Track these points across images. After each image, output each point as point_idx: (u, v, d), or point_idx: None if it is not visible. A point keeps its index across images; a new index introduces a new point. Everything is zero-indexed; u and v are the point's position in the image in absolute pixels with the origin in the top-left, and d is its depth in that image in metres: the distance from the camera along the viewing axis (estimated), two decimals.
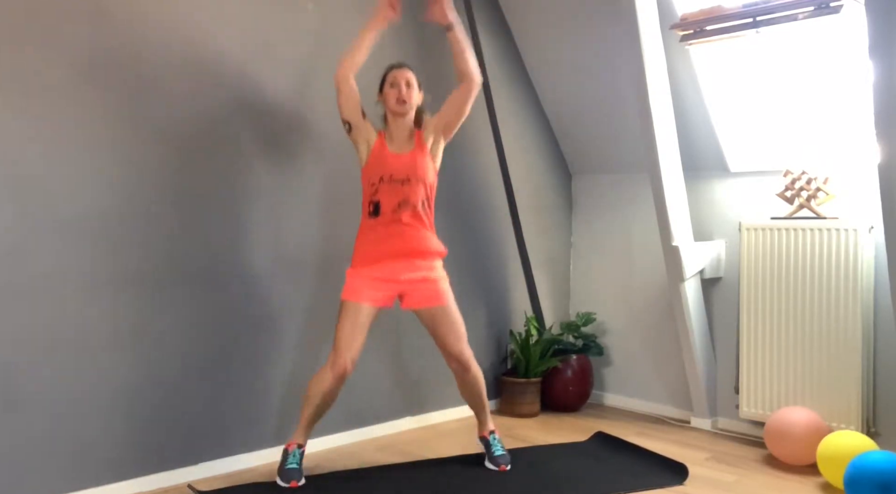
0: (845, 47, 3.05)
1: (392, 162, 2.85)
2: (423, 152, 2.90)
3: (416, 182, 2.84)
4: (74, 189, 2.58)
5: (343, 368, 2.77)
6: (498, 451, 3.02)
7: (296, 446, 2.82)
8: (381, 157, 2.86)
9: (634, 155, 3.80)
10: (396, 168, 2.84)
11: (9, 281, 2.44)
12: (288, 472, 2.78)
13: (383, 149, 2.87)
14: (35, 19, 2.50)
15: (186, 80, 2.86)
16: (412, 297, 2.88)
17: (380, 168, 2.85)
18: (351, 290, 2.82)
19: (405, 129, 2.92)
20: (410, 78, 2.89)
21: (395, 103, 2.86)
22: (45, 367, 2.52)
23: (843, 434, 2.84)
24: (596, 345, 4.04)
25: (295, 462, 2.80)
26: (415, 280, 2.86)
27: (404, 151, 2.89)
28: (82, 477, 2.59)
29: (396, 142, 2.90)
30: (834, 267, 3.11)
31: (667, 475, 2.92)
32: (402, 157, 2.86)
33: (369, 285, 2.82)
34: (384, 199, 2.82)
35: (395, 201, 2.82)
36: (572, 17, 3.76)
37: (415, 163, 2.86)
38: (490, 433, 3.05)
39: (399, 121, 2.91)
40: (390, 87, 2.88)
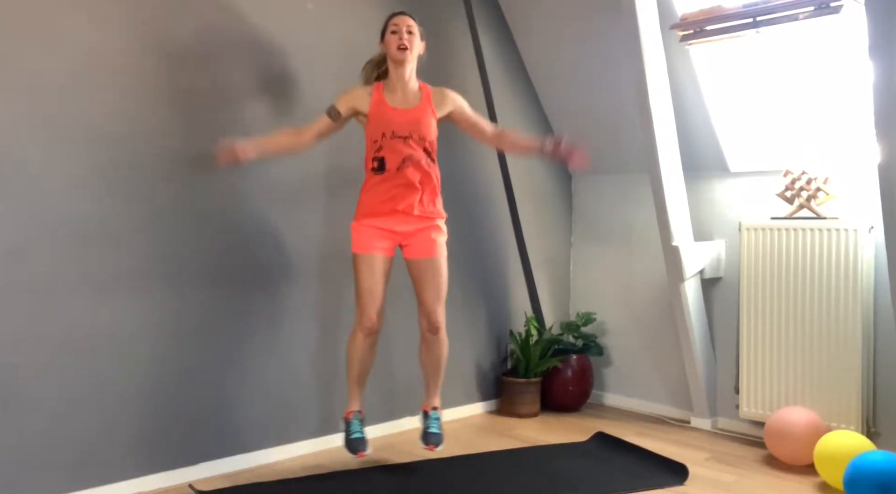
0: (845, 47, 3.05)
1: (394, 117, 2.83)
2: (429, 110, 2.88)
3: (418, 138, 2.83)
4: (75, 189, 2.58)
5: (371, 322, 2.82)
6: (433, 428, 2.97)
7: (354, 413, 2.91)
8: (381, 113, 2.83)
9: (634, 155, 3.80)
10: (399, 124, 2.82)
11: (9, 281, 2.44)
12: (354, 442, 2.86)
13: (382, 104, 2.84)
14: (35, 18, 2.50)
15: (187, 79, 2.86)
16: (410, 247, 2.89)
17: (381, 124, 2.83)
18: (360, 243, 2.83)
19: (408, 80, 2.88)
20: (412, 25, 2.87)
21: (396, 50, 2.83)
22: (45, 367, 2.52)
23: (840, 434, 2.84)
24: (596, 345, 4.04)
25: (358, 430, 2.88)
26: (415, 231, 2.87)
27: (408, 106, 2.86)
28: (82, 477, 2.59)
29: (398, 94, 2.87)
30: (834, 267, 3.11)
31: (667, 475, 2.92)
32: (405, 113, 2.84)
33: (375, 235, 2.83)
34: (388, 156, 2.81)
35: (399, 157, 2.81)
36: (572, 18, 3.76)
37: (419, 119, 2.85)
38: (433, 408, 3.03)
39: (400, 71, 2.86)
40: (391, 34, 2.86)
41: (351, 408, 2.92)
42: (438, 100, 2.93)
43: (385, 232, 2.85)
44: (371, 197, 2.86)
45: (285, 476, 2.89)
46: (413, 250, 2.90)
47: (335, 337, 3.22)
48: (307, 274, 3.21)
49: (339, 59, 3.30)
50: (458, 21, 3.82)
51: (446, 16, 3.79)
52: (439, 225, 2.94)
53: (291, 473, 2.93)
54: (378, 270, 2.83)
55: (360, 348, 2.87)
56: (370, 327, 2.84)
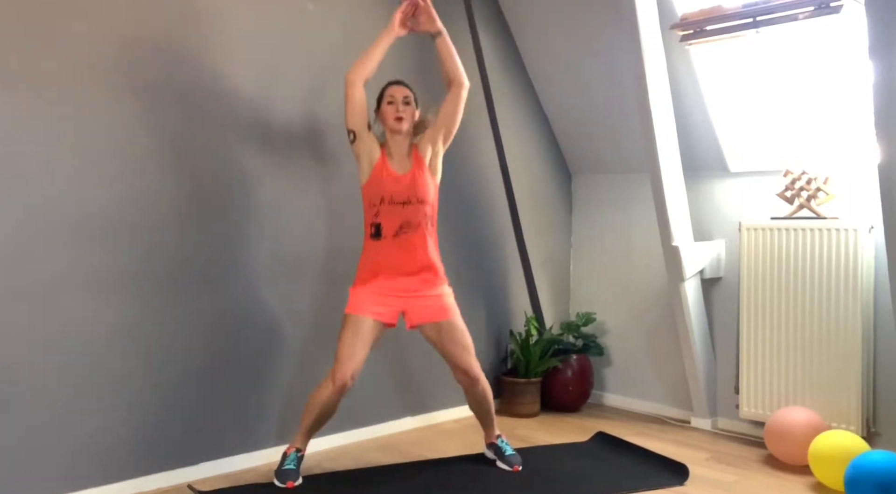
0: (845, 47, 3.05)
1: (392, 183, 2.81)
2: (421, 171, 2.86)
3: (416, 203, 2.82)
4: (76, 189, 2.58)
5: (343, 381, 2.76)
6: (509, 452, 3.04)
7: (294, 450, 2.84)
8: (381, 178, 2.82)
9: (634, 155, 3.80)
10: (396, 190, 2.81)
11: (10, 281, 2.44)
12: (284, 473, 2.79)
13: (384, 169, 2.83)
14: (37, 19, 2.50)
15: (189, 79, 2.86)
16: (416, 313, 2.85)
17: (380, 189, 2.82)
18: (354, 304, 2.81)
19: (404, 145, 2.89)
20: (408, 95, 2.88)
21: (393, 121, 2.84)
22: (45, 367, 2.52)
23: (834, 434, 2.84)
24: (596, 345, 4.04)
25: (292, 463, 2.81)
26: (418, 296, 2.84)
27: (404, 170, 2.85)
28: (82, 477, 2.59)
29: (396, 159, 2.87)
30: (834, 267, 3.11)
31: (667, 475, 2.92)
32: (402, 178, 2.83)
33: (372, 300, 2.80)
34: (385, 221, 2.80)
35: (397, 223, 2.80)
36: (572, 18, 3.76)
37: (415, 184, 2.83)
38: (498, 437, 3.07)
39: (397, 138, 2.88)
40: (388, 105, 2.87)
41: (295, 445, 2.85)
42: (424, 151, 2.90)
43: (383, 296, 2.81)
44: (369, 263, 2.83)
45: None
46: (423, 316, 2.85)
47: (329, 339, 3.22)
48: (308, 275, 3.21)
49: (340, 59, 3.30)
50: (458, 21, 3.82)
51: (446, 16, 3.76)
52: (441, 286, 2.89)
53: None
54: (365, 333, 2.79)
55: (326, 401, 2.78)
56: (341, 386, 2.76)
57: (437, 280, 2.88)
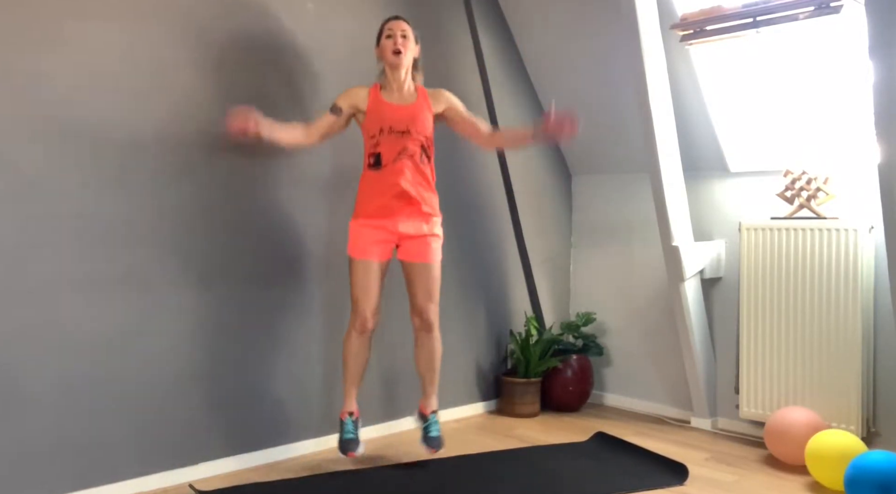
0: (845, 47, 3.05)
1: (391, 113, 2.89)
2: (425, 106, 2.96)
3: (415, 134, 2.90)
4: (76, 190, 2.58)
5: (365, 320, 2.88)
6: (433, 432, 3.03)
7: (347, 415, 2.97)
8: (378, 109, 2.90)
9: (634, 155, 3.80)
10: (396, 119, 2.88)
11: (10, 281, 2.44)
12: (345, 443, 2.93)
13: (379, 102, 2.91)
14: (37, 19, 2.50)
15: (190, 79, 2.86)
16: (405, 249, 2.95)
17: (379, 119, 2.89)
18: (356, 247, 2.90)
19: (403, 81, 2.96)
20: (406, 29, 2.95)
21: (391, 54, 2.91)
22: (45, 367, 2.52)
23: (830, 434, 2.84)
24: (596, 345, 4.04)
25: (350, 431, 2.94)
26: (412, 234, 2.93)
27: (405, 103, 2.94)
28: (83, 477, 2.59)
29: (396, 93, 2.95)
30: (834, 267, 3.11)
31: (667, 475, 2.92)
32: (402, 109, 2.91)
33: (372, 239, 2.89)
34: (384, 150, 2.88)
35: (395, 151, 2.87)
36: (572, 17, 3.76)
37: (415, 115, 2.91)
38: (432, 412, 3.07)
39: (396, 73, 2.94)
40: (386, 38, 2.93)
41: (346, 409, 2.98)
42: (434, 97, 3.01)
43: (382, 232, 2.90)
44: (368, 193, 2.91)
45: (285, 476, 2.89)
46: (408, 253, 2.95)
47: (335, 337, 3.22)
48: (309, 276, 3.21)
49: (340, 58, 3.30)
50: (458, 21, 3.82)
51: (446, 16, 3.80)
52: (436, 230, 2.99)
53: (291, 473, 2.93)
54: (373, 272, 2.89)
55: (355, 346, 2.92)
56: (364, 324, 2.89)
57: (432, 212, 2.97)
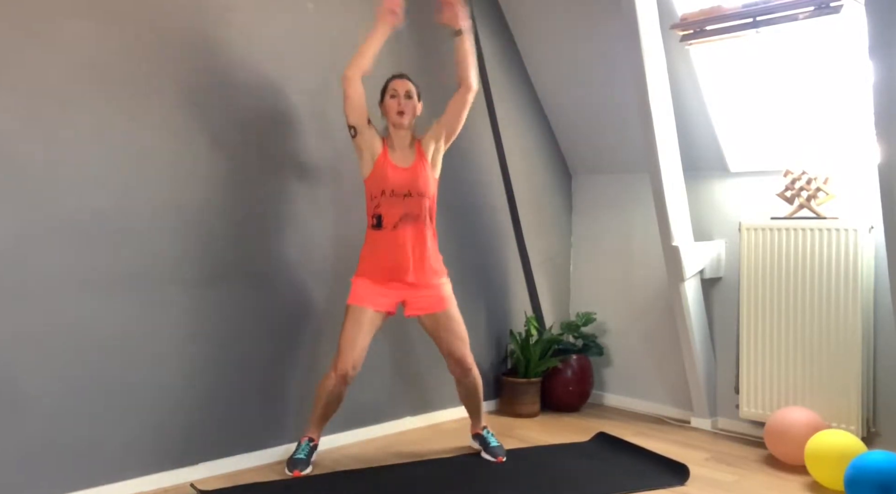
0: (845, 47, 3.05)
1: (394, 176, 2.89)
2: (423, 164, 2.95)
3: (416, 196, 2.91)
4: (76, 189, 2.58)
5: (344, 371, 2.87)
6: (493, 443, 3.12)
7: (307, 439, 2.95)
8: (383, 171, 2.90)
9: (634, 155, 3.80)
10: (398, 182, 2.89)
11: (10, 281, 2.44)
12: (294, 461, 2.90)
13: (386, 163, 2.91)
14: (38, 18, 2.50)
15: (190, 78, 2.86)
16: (415, 304, 2.96)
17: (382, 181, 2.89)
18: (356, 295, 2.92)
19: (406, 138, 2.97)
20: (410, 89, 2.95)
21: (395, 115, 2.92)
22: (45, 367, 2.52)
23: (829, 434, 2.84)
24: (596, 345, 4.04)
25: (303, 453, 2.92)
26: (417, 286, 2.94)
27: (406, 163, 2.93)
28: (82, 477, 2.59)
29: (399, 152, 2.94)
30: (834, 267, 3.11)
31: (668, 475, 2.92)
32: (403, 171, 2.91)
33: (373, 290, 2.91)
34: (385, 212, 2.89)
35: (397, 215, 2.89)
36: (572, 18, 3.76)
37: (416, 177, 2.91)
38: (483, 428, 3.16)
39: (399, 133, 2.95)
40: (390, 98, 2.94)
41: (309, 434, 2.97)
42: (426, 146, 2.99)
43: (385, 287, 2.92)
44: (371, 253, 2.94)
45: (285, 476, 2.89)
46: (421, 306, 2.97)
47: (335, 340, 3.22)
48: (311, 275, 3.21)
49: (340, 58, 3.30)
50: None
51: None
52: (440, 282, 2.99)
53: None
54: (366, 324, 2.89)
55: (329, 392, 2.89)
56: (343, 376, 2.87)
57: (437, 271, 2.98)
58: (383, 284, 2.91)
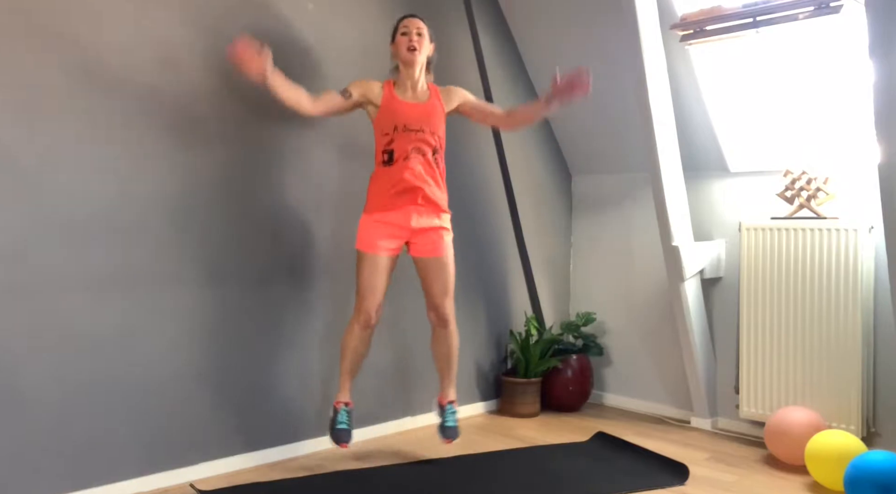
0: (845, 47, 3.05)
1: (406, 111, 2.93)
2: (438, 105, 2.99)
3: (429, 132, 2.93)
4: (76, 189, 2.58)
5: (368, 316, 2.90)
6: (450, 423, 3.08)
7: (342, 405, 2.97)
8: (392, 107, 2.93)
9: (634, 155, 3.80)
10: (410, 117, 2.92)
11: (10, 280, 2.44)
12: (337, 432, 2.94)
13: (393, 99, 2.94)
14: (36, 18, 2.50)
15: (190, 79, 2.86)
16: (417, 245, 2.97)
17: (392, 117, 2.92)
18: (365, 241, 2.91)
19: (417, 79, 2.98)
20: (421, 27, 2.97)
21: (406, 51, 2.93)
22: (45, 367, 2.51)
23: (830, 434, 2.84)
24: (596, 345, 4.04)
25: (344, 421, 2.94)
26: (423, 229, 2.94)
27: (419, 101, 2.97)
28: (83, 477, 2.59)
29: (409, 90, 2.97)
30: (834, 267, 3.11)
31: (668, 475, 2.92)
32: (416, 107, 2.94)
33: (382, 234, 2.90)
34: (397, 147, 2.90)
35: (408, 148, 2.90)
36: (572, 17, 3.76)
37: (429, 114, 2.95)
38: (449, 402, 3.11)
39: (410, 71, 2.96)
40: (401, 36, 2.96)
41: (340, 399, 2.99)
42: (446, 96, 3.05)
43: (392, 228, 2.91)
44: (379, 188, 2.93)
45: (285, 476, 2.89)
46: (420, 249, 2.97)
47: (336, 337, 3.22)
48: (311, 276, 3.21)
49: (340, 58, 3.30)
50: (458, 21, 3.82)
51: (446, 16, 3.80)
52: (446, 225, 3.01)
53: (291, 473, 2.93)
54: (381, 268, 2.90)
55: (356, 339, 2.94)
56: (367, 320, 2.91)
57: (441, 209, 2.99)
58: (390, 224, 2.90)
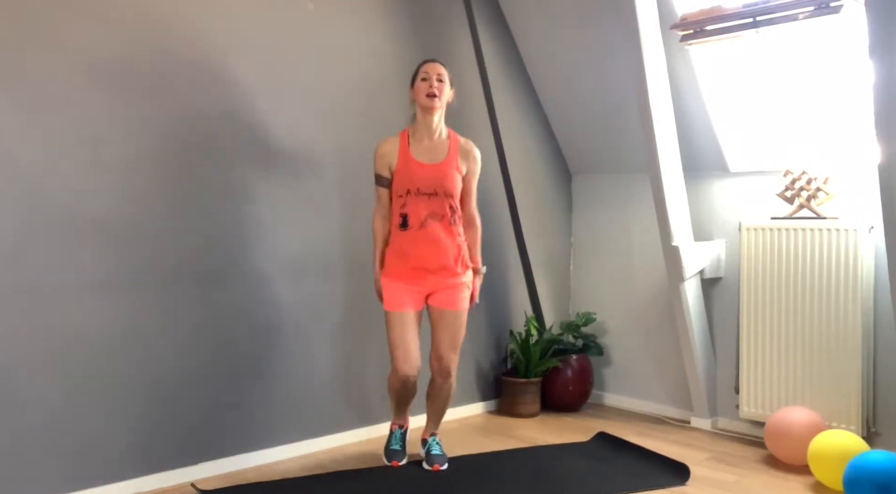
0: (845, 47, 3.05)
1: (420, 174, 2.84)
2: (454, 165, 2.89)
3: (443, 196, 2.85)
4: (76, 189, 2.58)
5: (405, 374, 2.87)
6: (435, 451, 3.05)
7: (397, 427, 3.10)
8: (407, 170, 2.85)
9: (634, 155, 3.80)
10: (424, 181, 2.84)
11: (10, 281, 2.44)
12: (391, 453, 3.05)
13: (409, 161, 2.85)
14: (36, 19, 2.50)
15: (188, 79, 2.86)
16: (436, 297, 2.93)
17: (407, 180, 2.85)
18: (392, 301, 2.88)
19: (435, 128, 2.90)
20: (442, 72, 2.88)
21: (425, 97, 2.84)
22: (45, 367, 2.52)
23: (833, 434, 2.84)
24: (596, 345, 4.04)
25: (397, 443, 3.06)
26: (443, 286, 2.91)
27: (434, 160, 2.87)
28: (83, 477, 2.59)
29: (424, 146, 2.88)
30: (834, 267, 3.11)
31: (668, 475, 2.92)
32: (430, 169, 2.85)
33: (405, 292, 2.88)
34: (411, 211, 2.84)
35: (423, 214, 2.84)
36: (572, 18, 3.76)
37: (444, 176, 2.86)
38: (432, 435, 3.10)
39: (428, 118, 2.87)
40: (421, 81, 2.86)
41: (396, 421, 3.12)
42: (464, 155, 2.93)
43: (413, 285, 2.89)
44: (398, 258, 2.89)
45: (285, 476, 2.89)
46: (438, 300, 2.93)
47: (338, 338, 3.23)
48: (307, 275, 3.21)
49: (340, 59, 3.30)
50: (458, 21, 3.82)
51: (446, 16, 3.80)
52: (466, 280, 2.95)
53: (291, 473, 2.94)
54: (410, 324, 2.88)
55: (399, 387, 2.95)
56: (405, 379, 2.89)
57: (460, 270, 2.93)
58: (411, 282, 2.87)
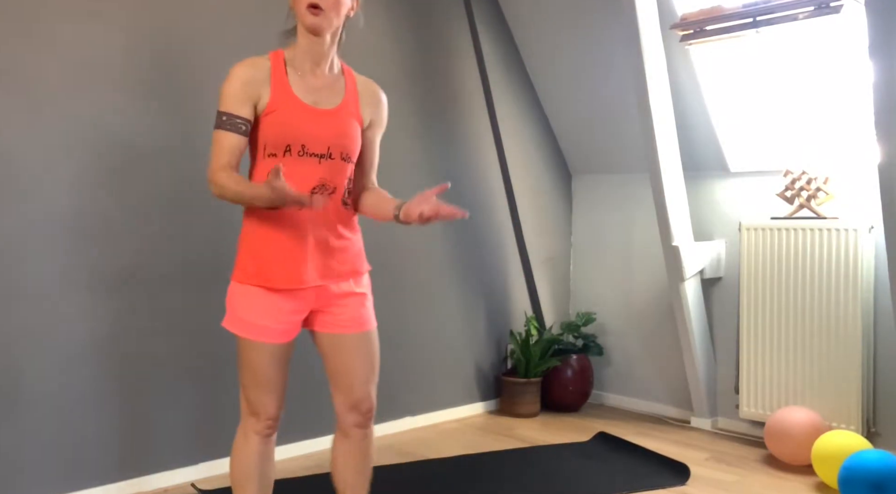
0: (845, 47, 3.05)
1: (308, 123, 1.83)
2: (353, 114, 1.91)
3: (339, 159, 1.86)
4: (75, 189, 2.58)
5: (269, 418, 2.00)
6: None
7: None
8: (288, 112, 1.81)
9: (634, 155, 3.80)
10: (313, 135, 1.82)
11: (10, 281, 2.44)
12: None
13: (289, 98, 1.82)
14: (34, 19, 2.50)
15: (185, 79, 2.86)
16: (328, 317, 1.95)
17: (287, 131, 1.81)
18: (247, 324, 1.90)
19: (326, 55, 1.87)
20: None
21: (306, 9, 1.80)
22: (44, 367, 2.52)
23: (837, 434, 2.84)
24: (596, 345, 4.04)
25: None
26: (332, 296, 1.93)
27: (326, 105, 1.86)
28: (82, 477, 2.59)
29: (309, 83, 1.86)
30: (834, 267, 3.11)
31: (668, 475, 2.92)
32: (321, 116, 1.84)
33: (275, 308, 1.87)
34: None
35: (309, 186, 1.82)
36: (572, 18, 3.76)
37: (342, 129, 1.86)
38: None
39: (316, 45, 1.85)
40: None
41: None
42: (368, 98, 1.96)
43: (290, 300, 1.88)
44: (264, 246, 1.88)
45: (285, 476, 2.89)
46: (335, 322, 1.95)
47: None
48: None
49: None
50: (458, 21, 3.82)
51: (446, 16, 3.80)
52: (366, 289, 2.00)
53: (291, 473, 2.94)
54: (278, 358, 1.94)
55: (257, 455, 1.99)
56: (268, 424, 1.98)
57: (361, 269, 1.98)
58: (288, 295, 1.87)
